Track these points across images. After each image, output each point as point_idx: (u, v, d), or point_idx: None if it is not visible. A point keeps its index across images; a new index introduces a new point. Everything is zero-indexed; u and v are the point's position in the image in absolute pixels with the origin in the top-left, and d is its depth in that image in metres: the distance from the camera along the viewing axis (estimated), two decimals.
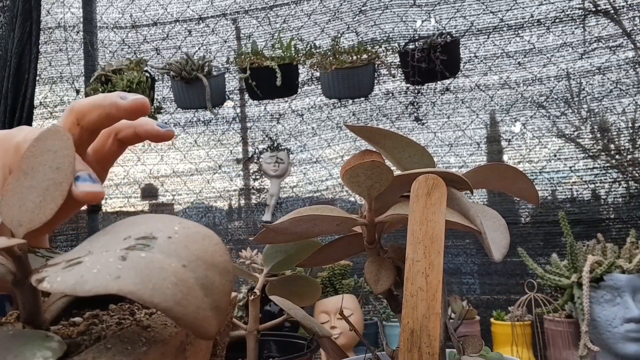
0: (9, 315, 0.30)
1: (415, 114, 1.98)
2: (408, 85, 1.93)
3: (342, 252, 0.60)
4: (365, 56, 1.83)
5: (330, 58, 1.84)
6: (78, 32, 2.33)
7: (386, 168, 0.47)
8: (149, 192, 2.33)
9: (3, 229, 0.25)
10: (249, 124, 2.22)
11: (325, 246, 0.58)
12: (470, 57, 1.92)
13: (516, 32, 1.88)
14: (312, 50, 1.91)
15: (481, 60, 1.92)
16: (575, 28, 1.83)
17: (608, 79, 1.79)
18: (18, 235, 0.24)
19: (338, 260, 0.62)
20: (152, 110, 2.05)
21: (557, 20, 1.85)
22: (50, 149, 0.27)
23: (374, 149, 0.53)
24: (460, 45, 1.85)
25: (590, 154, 1.82)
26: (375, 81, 1.92)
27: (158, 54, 2.26)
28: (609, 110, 1.80)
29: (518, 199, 1.79)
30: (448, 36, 1.80)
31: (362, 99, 2.01)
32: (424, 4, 1.97)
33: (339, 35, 1.95)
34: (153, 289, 0.19)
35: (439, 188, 0.47)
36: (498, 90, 1.91)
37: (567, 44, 1.84)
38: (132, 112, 0.40)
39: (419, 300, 0.43)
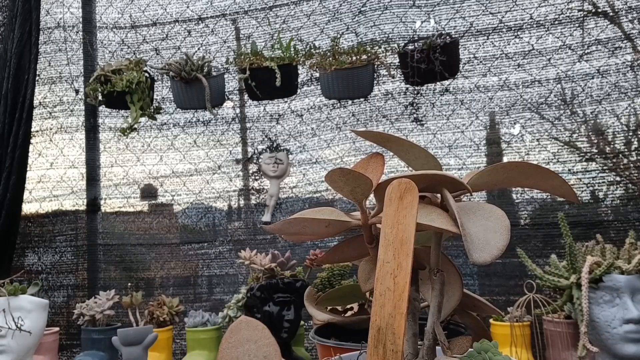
0: None
1: (415, 115, 1.98)
2: (407, 86, 1.94)
3: (359, 251, 0.61)
4: (364, 57, 1.83)
5: (330, 59, 1.84)
6: (77, 32, 2.34)
7: (359, 175, 0.49)
8: (148, 193, 2.33)
9: None
10: (248, 125, 2.22)
11: (339, 245, 0.60)
12: (469, 58, 1.92)
13: (515, 34, 1.89)
14: (312, 50, 1.91)
15: (480, 62, 1.92)
16: (574, 30, 1.84)
17: (607, 81, 1.79)
18: None
19: (356, 259, 0.63)
20: (152, 110, 2.05)
21: (557, 22, 1.85)
22: (250, 339, 0.31)
23: (380, 151, 0.55)
24: (460, 46, 1.85)
25: (588, 156, 1.82)
26: (375, 82, 1.92)
27: (157, 54, 2.26)
28: (607, 113, 1.80)
29: (552, 197, 1.78)
30: (447, 37, 1.80)
31: (362, 99, 2.01)
32: (423, 5, 1.97)
33: (339, 35, 1.95)
34: None
35: (410, 192, 0.48)
36: (497, 91, 1.91)
37: (567, 45, 1.84)
38: None
39: (386, 300, 0.45)
